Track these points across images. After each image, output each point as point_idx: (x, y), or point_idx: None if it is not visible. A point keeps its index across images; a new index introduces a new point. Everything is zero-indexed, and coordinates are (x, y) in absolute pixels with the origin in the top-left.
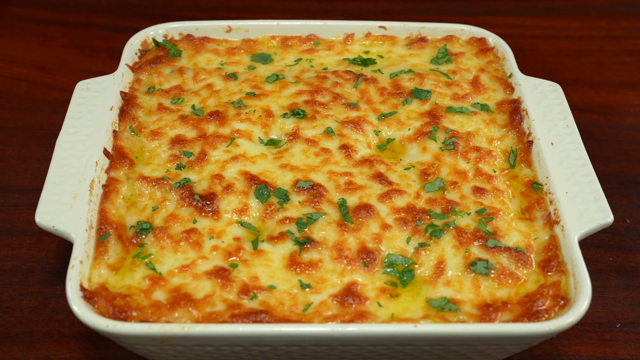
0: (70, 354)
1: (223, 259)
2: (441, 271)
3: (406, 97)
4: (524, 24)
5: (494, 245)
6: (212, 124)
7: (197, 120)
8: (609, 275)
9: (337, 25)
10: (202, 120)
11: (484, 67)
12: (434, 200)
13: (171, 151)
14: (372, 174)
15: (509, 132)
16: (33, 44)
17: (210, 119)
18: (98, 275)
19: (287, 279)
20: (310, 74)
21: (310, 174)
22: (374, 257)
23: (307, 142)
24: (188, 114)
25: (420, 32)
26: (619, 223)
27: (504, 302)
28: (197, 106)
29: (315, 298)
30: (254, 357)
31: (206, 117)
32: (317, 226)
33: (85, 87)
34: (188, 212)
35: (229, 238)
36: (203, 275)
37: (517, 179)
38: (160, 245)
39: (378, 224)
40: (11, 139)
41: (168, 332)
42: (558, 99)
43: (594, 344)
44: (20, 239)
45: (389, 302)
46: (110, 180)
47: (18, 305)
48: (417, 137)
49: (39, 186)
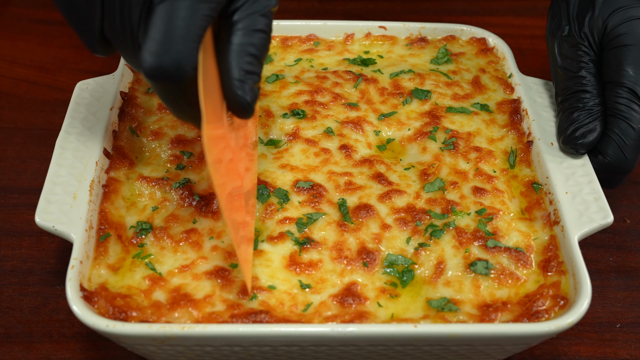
0: (70, 354)
1: (223, 259)
2: (441, 271)
3: (406, 97)
4: (524, 24)
5: (493, 245)
6: None
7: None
8: (609, 275)
9: (337, 25)
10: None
11: (484, 67)
12: (434, 201)
13: (171, 151)
14: (372, 174)
15: (509, 132)
16: (33, 44)
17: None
18: (98, 276)
19: (287, 279)
20: (310, 74)
21: (310, 174)
22: (373, 257)
23: (307, 142)
24: None
25: (420, 32)
26: (619, 223)
27: (503, 302)
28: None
29: (315, 298)
30: (254, 357)
31: None
32: (317, 226)
33: (85, 87)
34: (188, 212)
35: (229, 238)
36: (203, 275)
37: (517, 179)
38: (160, 245)
39: (378, 224)
40: (11, 139)
41: (168, 332)
42: None
43: (594, 344)
44: (20, 239)
45: (388, 302)
46: (110, 180)
47: (18, 305)
48: (417, 137)
49: (39, 186)
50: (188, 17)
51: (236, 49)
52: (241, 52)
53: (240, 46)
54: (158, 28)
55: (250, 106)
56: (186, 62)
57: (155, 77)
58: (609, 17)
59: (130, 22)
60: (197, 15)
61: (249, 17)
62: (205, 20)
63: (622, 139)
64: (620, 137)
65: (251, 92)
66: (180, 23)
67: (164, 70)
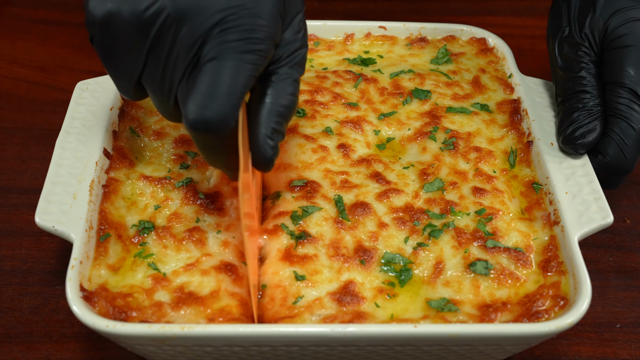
0: (70, 354)
1: (232, 255)
2: (440, 271)
3: (406, 97)
4: (524, 24)
5: (493, 245)
6: None
7: None
8: (609, 276)
9: (337, 25)
10: None
11: (484, 67)
12: (433, 201)
13: (175, 151)
14: (370, 174)
15: (508, 132)
16: (33, 44)
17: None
18: (98, 276)
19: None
20: (310, 74)
21: (305, 171)
22: (370, 255)
23: (305, 137)
24: None
25: (420, 32)
26: (619, 223)
27: (503, 303)
28: None
29: (311, 294)
30: (254, 357)
31: None
32: (313, 221)
33: (85, 87)
34: (192, 210)
35: (238, 234)
36: (212, 269)
37: (517, 179)
38: (162, 244)
39: (375, 222)
40: (11, 139)
41: (168, 332)
42: None
43: (594, 344)
44: (20, 239)
45: (386, 302)
46: (110, 180)
47: (18, 305)
48: (417, 137)
49: (38, 186)
50: (234, 75)
51: (269, 108)
52: (272, 111)
53: (273, 105)
54: (205, 83)
55: (272, 161)
56: (229, 116)
57: (199, 129)
58: (610, 18)
59: (172, 76)
60: (242, 76)
61: (284, 80)
62: (249, 80)
63: (622, 139)
64: (620, 137)
65: (275, 149)
66: (227, 80)
67: (207, 123)
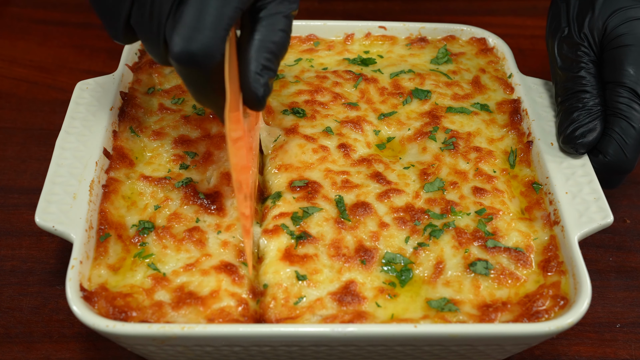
0: (70, 354)
1: (232, 255)
2: (440, 271)
3: (406, 97)
4: (524, 24)
5: (493, 245)
6: (215, 123)
7: (199, 120)
8: (609, 276)
9: (337, 25)
10: (204, 120)
11: (484, 67)
12: (433, 201)
13: (174, 151)
14: (370, 174)
15: (509, 132)
16: (33, 44)
17: (213, 118)
18: (98, 276)
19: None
20: (310, 74)
21: (305, 172)
22: (371, 255)
23: (305, 137)
24: (190, 114)
25: (420, 32)
26: (619, 223)
27: (503, 303)
28: (199, 106)
29: (312, 294)
30: (254, 357)
31: (208, 117)
32: (314, 221)
33: (85, 87)
34: (192, 210)
35: (239, 233)
36: (212, 269)
37: (517, 179)
38: (162, 244)
39: (375, 222)
40: (11, 139)
41: (168, 332)
42: None
43: (594, 344)
44: (20, 239)
45: (387, 302)
46: (110, 180)
47: (18, 305)
48: (417, 137)
49: (39, 186)
50: (220, 7)
51: (258, 44)
52: (262, 47)
53: (262, 42)
54: (190, 15)
55: (264, 99)
56: (215, 48)
57: (184, 62)
58: (609, 18)
59: (160, 13)
60: (228, 7)
61: (274, 16)
62: (235, 12)
63: (622, 138)
64: (620, 136)
65: (265, 87)
66: (212, 11)
67: (193, 55)
